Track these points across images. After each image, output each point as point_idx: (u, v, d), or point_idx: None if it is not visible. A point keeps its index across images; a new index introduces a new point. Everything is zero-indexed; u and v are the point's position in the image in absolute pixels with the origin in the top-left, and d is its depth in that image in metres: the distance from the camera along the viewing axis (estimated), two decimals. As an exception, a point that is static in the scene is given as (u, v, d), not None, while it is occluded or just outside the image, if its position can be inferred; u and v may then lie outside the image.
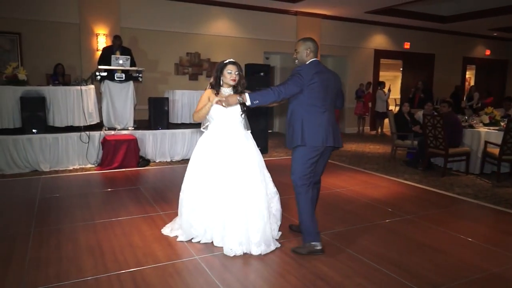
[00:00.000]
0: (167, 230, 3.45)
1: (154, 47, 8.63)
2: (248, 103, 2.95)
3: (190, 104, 7.57)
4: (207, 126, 3.32)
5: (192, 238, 3.26)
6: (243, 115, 3.24)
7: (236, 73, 3.15)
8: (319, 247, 3.02)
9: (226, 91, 3.21)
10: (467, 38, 13.49)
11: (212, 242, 3.19)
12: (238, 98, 2.98)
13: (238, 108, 3.19)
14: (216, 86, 3.19)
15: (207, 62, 9.27)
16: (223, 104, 3.05)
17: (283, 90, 2.92)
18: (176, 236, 3.33)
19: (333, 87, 3.09)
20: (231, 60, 3.21)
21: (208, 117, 3.25)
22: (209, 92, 3.20)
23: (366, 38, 11.63)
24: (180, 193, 3.37)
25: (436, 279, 2.71)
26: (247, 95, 2.95)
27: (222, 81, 3.19)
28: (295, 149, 3.02)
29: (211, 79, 3.26)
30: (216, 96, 3.15)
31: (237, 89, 3.22)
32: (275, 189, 3.38)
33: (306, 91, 2.94)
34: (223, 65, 3.17)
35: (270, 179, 3.35)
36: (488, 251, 3.22)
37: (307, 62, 3.06)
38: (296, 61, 3.12)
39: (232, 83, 3.17)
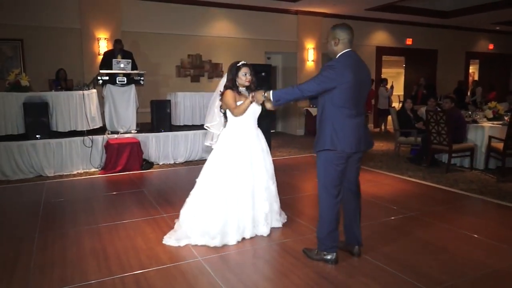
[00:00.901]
0: (172, 241, 3.27)
1: (155, 50, 8.65)
2: (271, 99, 2.85)
3: (192, 106, 7.58)
4: (213, 124, 3.54)
5: (224, 241, 3.22)
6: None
7: (249, 74, 3.33)
8: (331, 258, 2.83)
9: (242, 90, 3.39)
10: (469, 33, 13.39)
11: (243, 238, 3.31)
12: (263, 94, 2.94)
13: (255, 108, 3.35)
14: (235, 87, 3.33)
15: (209, 63, 9.28)
16: (255, 100, 3.10)
17: (306, 88, 2.67)
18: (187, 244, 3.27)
19: (367, 84, 2.82)
20: (244, 62, 3.35)
21: (228, 118, 3.42)
22: (231, 92, 3.30)
23: (368, 36, 11.59)
24: (198, 195, 3.37)
25: (441, 276, 2.69)
26: (271, 92, 2.85)
27: (237, 82, 3.33)
28: (321, 153, 2.76)
29: (224, 81, 3.38)
30: (239, 95, 3.32)
31: (251, 89, 3.38)
32: None
33: (338, 90, 2.63)
34: (237, 68, 3.32)
35: None
36: (493, 247, 3.20)
37: (339, 55, 2.71)
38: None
39: (248, 84, 3.35)
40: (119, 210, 4.21)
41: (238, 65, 3.33)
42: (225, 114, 3.44)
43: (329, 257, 2.84)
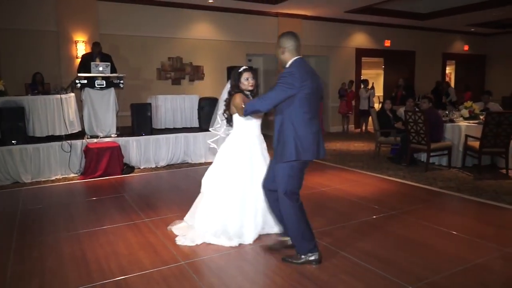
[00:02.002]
0: (187, 241, 3.31)
1: (135, 53, 8.55)
2: (244, 115, 2.99)
3: (173, 109, 7.53)
4: (216, 128, 3.63)
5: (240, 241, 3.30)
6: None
7: (252, 78, 3.38)
8: (315, 258, 2.83)
9: (247, 94, 3.42)
10: (445, 34, 13.73)
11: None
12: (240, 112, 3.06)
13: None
14: (240, 92, 3.37)
15: (190, 66, 9.24)
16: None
17: (267, 99, 2.70)
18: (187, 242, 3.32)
19: (320, 91, 2.84)
20: (246, 67, 3.43)
21: (235, 122, 3.43)
22: (240, 95, 3.34)
23: (347, 37, 11.75)
24: (210, 197, 3.43)
25: (421, 272, 2.74)
26: (246, 105, 2.93)
27: (240, 87, 3.37)
28: (285, 163, 2.75)
29: (228, 87, 3.45)
30: (247, 99, 3.35)
31: (254, 93, 3.44)
32: None
33: (298, 97, 2.64)
34: (239, 73, 3.38)
35: None
36: (471, 243, 3.27)
37: (291, 62, 2.76)
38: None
39: (251, 88, 3.39)
40: (99, 215, 4.13)
41: (239, 70, 3.39)
42: (227, 119, 3.48)
43: (313, 257, 2.84)
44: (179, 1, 8.65)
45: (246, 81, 3.35)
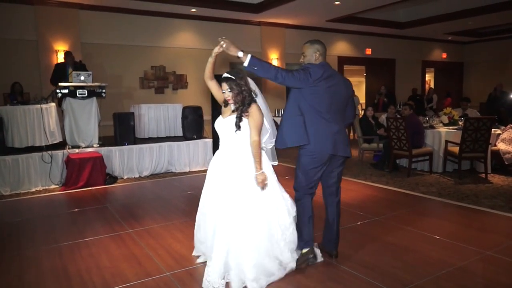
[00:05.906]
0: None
1: (117, 61, 8.48)
2: (245, 63, 2.69)
3: (156, 118, 7.48)
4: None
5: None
6: (238, 132, 2.70)
7: (229, 91, 2.71)
8: (309, 256, 2.91)
9: (232, 106, 2.80)
10: (424, 43, 14.08)
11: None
12: (238, 51, 2.71)
13: (226, 123, 2.78)
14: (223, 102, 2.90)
15: (173, 75, 9.21)
16: (222, 43, 2.82)
17: (281, 76, 2.66)
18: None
19: (341, 94, 2.89)
20: (223, 76, 2.80)
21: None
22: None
23: (329, 46, 11.90)
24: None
25: (405, 277, 2.77)
26: (248, 55, 2.68)
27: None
28: (299, 153, 2.90)
29: None
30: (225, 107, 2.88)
31: (238, 108, 2.73)
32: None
33: (308, 92, 2.76)
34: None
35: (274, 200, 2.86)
36: (453, 246, 3.33)
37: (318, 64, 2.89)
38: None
39: (229, 102, 2.76)
40: (81, 227, 4.05)
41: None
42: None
43: (305, 251, 2.93)
44: (162, 10, 8.64)
45: (223, 93, 2.80)
